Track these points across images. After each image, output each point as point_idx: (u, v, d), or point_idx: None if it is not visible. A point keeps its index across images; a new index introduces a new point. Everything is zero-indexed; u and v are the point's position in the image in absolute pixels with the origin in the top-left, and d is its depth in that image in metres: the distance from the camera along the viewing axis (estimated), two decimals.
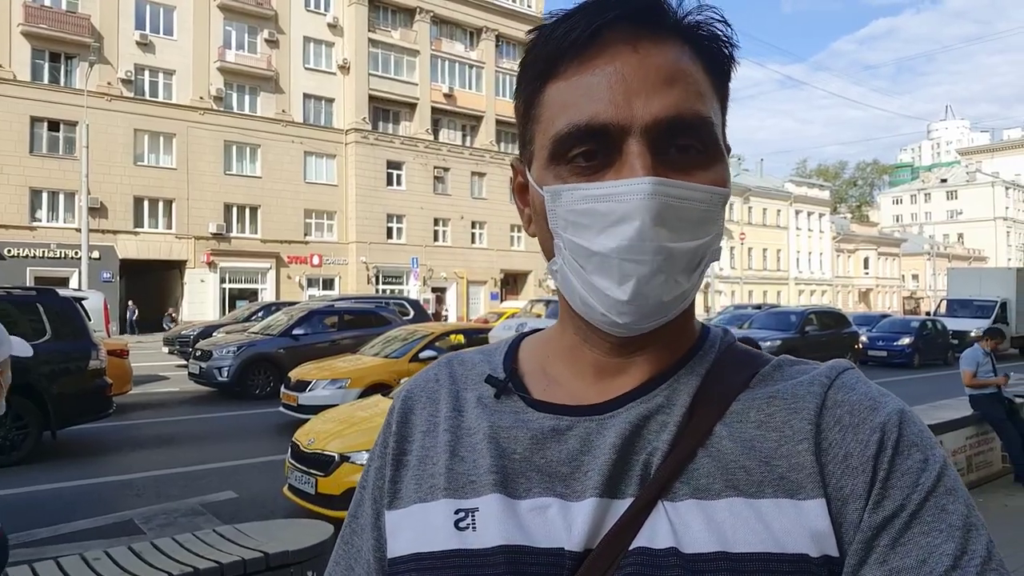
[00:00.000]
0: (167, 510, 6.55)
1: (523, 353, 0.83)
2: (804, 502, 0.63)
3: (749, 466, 0.66)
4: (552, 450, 0.71)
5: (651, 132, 0.65)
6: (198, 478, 7.70)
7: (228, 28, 35.49)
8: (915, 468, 0.64)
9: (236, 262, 35.06)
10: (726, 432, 0.68)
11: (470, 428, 0.76)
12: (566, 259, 0.69)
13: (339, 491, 5.82)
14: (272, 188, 36.17)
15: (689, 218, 0.65)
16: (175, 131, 33.47)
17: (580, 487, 0.68)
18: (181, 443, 9.60)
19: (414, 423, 0.80)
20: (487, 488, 0.70)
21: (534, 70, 0.71)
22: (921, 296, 77.63)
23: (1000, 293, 26.35)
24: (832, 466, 0.65)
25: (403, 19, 41.27)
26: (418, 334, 12.00)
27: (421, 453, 0.77)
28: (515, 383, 0.78)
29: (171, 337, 20.17)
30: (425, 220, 40.78)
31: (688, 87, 0.67)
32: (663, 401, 0.71)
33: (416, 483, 0.75)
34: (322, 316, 15.47)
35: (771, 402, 0.69)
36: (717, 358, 0.75)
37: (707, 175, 0.67)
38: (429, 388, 0.83)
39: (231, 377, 13.28)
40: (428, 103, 41.36)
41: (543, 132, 0.70)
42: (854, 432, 0.66)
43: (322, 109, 38.72)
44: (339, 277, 38.28)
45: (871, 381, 0.72)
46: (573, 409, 0.73)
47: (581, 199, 0.66)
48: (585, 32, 0.66)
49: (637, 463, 0.68)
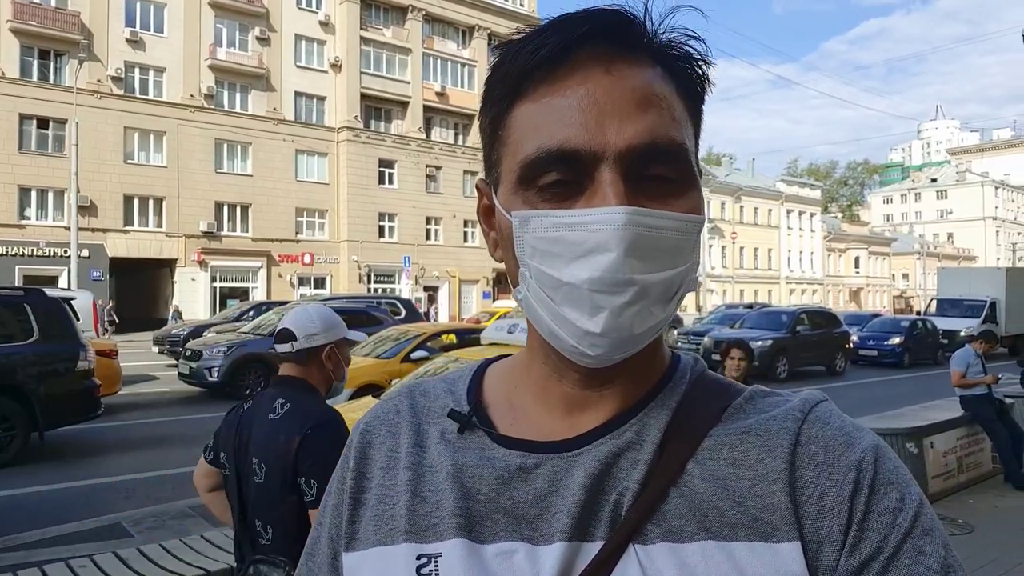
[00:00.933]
0: (156, 512, 6.49)
1: (488, 382, 0.80)
2: (779, 545, 0.61)
3: (722, 507, 0.63)
4: (519, 490, 0.68)
5: (625, 159, 0.62)
6: (188, 480, 7.56)
7: (219, 25, 35.31)
8: (892, 508, 0.62)
9: (227, 261, 34.90)
10: (698, 470, 0.66)
11: (433, 466, 0.72)
12: (532, 288, 0.66)
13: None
14: (263, 186, 36.01)
15: (664, 248, 0.63)
16: (165, 129, 33.28)
17: (548, 530, 0.65)
18: (171, 444, 9.54)
19: (373, 458, 0.76)
20: (451, 532, 0.66)
21: (501, 89, 0.68)
22: (911, 295, 77.98)
23: (990, 293, 26.46)
24: (807, 507, 0.63)
25: (395, 17, 41.16)
26: (410, 334, 11.96)
27: (381, 492, 0.73)
28: (480, 417, 0.75)
29: (161, 336, 20.05)
30: (417, 219, 40.71)
31: (662, 111, 0.65)
32: (633, 437, 0.68)
33: (375, 524, 0.71)
34: None
35: (744, 438, 0.67)
36: (688, 389, 0.72)
37: (682, 203, 0.65)
38: (389, 421, 0.78)
39: (221, 377, 13.21)
40: (420, 101, 41.27)
41: (511, 155, 0.67)
42: (829, 471, 0.64)
43: (314, 107, 38.58)
44: (331, 276, 38.17)
45: (844, 414, 0.70)
46: (541, 446, 0.70)
47: (551, 226, 0.63)
48: (555, 49, 0.64)
49: (607, 504, 0.65)
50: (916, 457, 6.91)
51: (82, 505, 6.71)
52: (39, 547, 5.54)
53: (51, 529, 5.97)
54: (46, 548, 5.49)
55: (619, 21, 0.65)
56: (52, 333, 8.56)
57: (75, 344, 8.76)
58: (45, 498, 6.94)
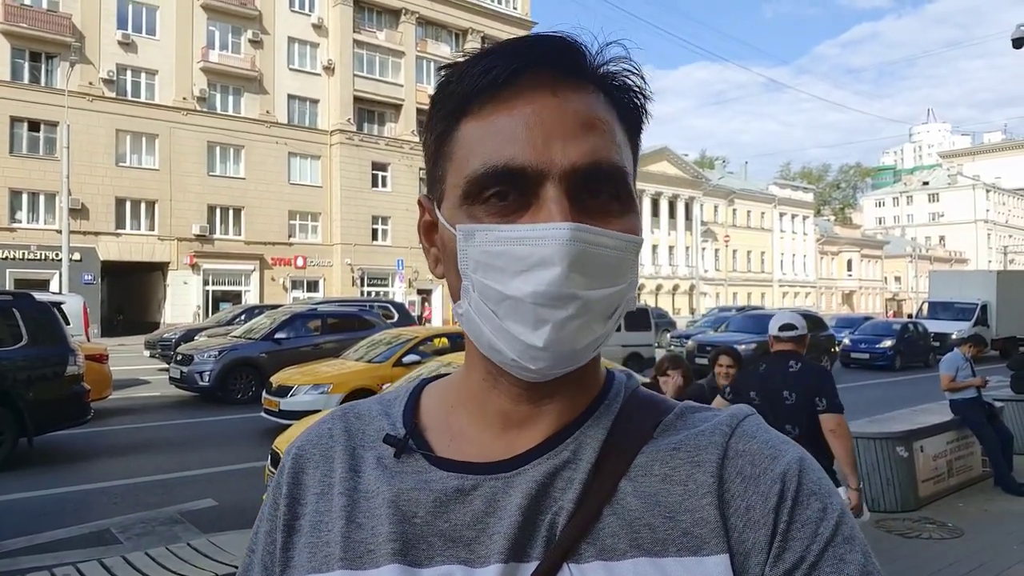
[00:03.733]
0: (145, 519, 6.46)
1: (425, 403, 0.79)
2: (707, 558, 0.63)
3: (654, 523, 0.64)
4: (456, 513, 0.68)
5: (569, 178, 0.64)
6: (177, 485, 7.61)
7: (211, 28, 35.23)
8: (814, 518, 0.64)
9: (219, 264, 34.79)
10: (631, 488, 0.66)
11: (368, 491, 0.71)
12: (474, 302, 0.66)
13: None
14: (256, 189, 35.92)
15: (605, 265, 0.64)
16: (158, 132, 33.17)
17: (484, 552, 0.65)
18: (160, 449, 9.49)
19: (306, 484, 0.75)
20: (386, 558, 0.66)
21: (447, 107, 0.69)
22: (903, 298, 78.29)
23: (981, 295, 26.56)
24: (735, 519, 0.64)
25: (388, 20, 41.15)
26: (402, 338, 11.93)
27: (315, 518, 0.72)
28: (416, 439, 0.74)
29: (152, 340, 19.97)
30: (411, 222, 40.59)
31: (605, 135, 0.67)
32: (569, 456, 0.69)
33: (310, 552, 0.70)
34: (305, 320, 15.36)
35: (675, 454, 0.68)
36: (622, 407, 0.73)
37: (622, 223, 0.66)
38: (323, 445, 0.77)
39: (212, 381, 13.16)
40: (413, 104, 41.23)
41: (456, 171, 0.68)
42: (755, 483, 0.65)
43: (306, 110, 38.52)
44: (323, 279, 38.09)
45: (771, 428, 0.72)
46: (479, 467, 0.70)
47: (496, 240, 0.64)
48: (503, 72, 0.65)
49: (543, 524, 0.66)
50: (906, 461, 6.92)
51: (71, 511, 6.67)
52: (26, 554, 5.50)
53: (39, 536, 5.92)
54: (34, 555, 5.46)
55: (566, 48, 0.67)
56: (41, 337, 8.51)
57: (64, 348, 8.71)
58: (33, 504, 6.89)
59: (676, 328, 27.64)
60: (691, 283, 57.88)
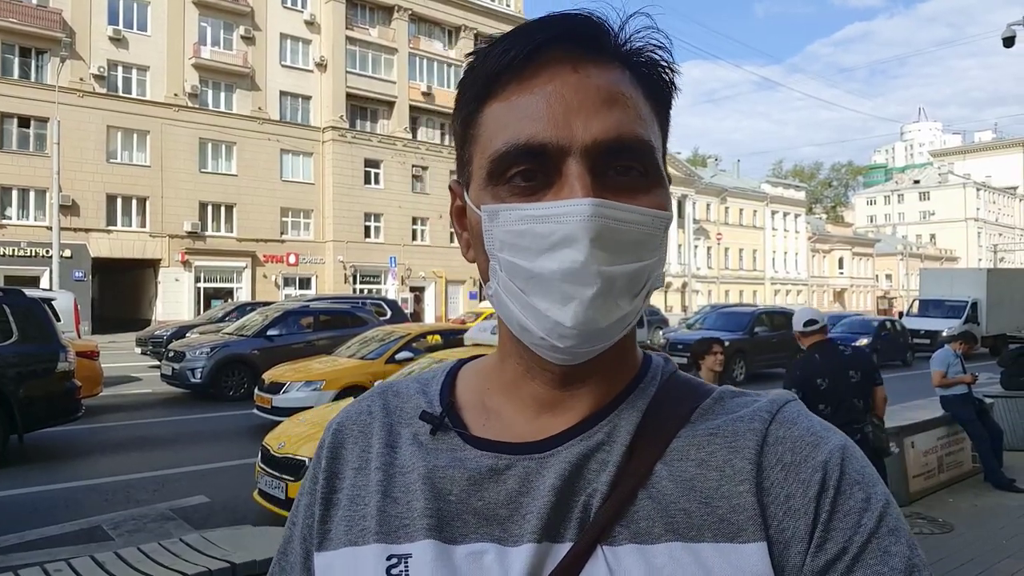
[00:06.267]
0: (137, 516, 6.44)
1: (461, 384, 0.80)
2: (744, 545, 0.62)
3: (689, 508, 0.64)
4: (490, 491, 0.68)
5: (591, 153, 0.63)
6: (169, 482, 7.59)
7: (203, 24, 35.09)
8: (857, 508, 0.63)
9: (211, 261, 34.67)
10: (666, 472, 0.66)
11: (404, 467, 0.72)
12: (502, 281, 0.67)
13: None
14: (248, 186, 35.81)
15: (630, 240, 0.64)
16: (149, 128, 33.01)
17: (518, 531, 0.66)
18: (152, 446, 9.46)
19: (345, 459, 0.76)
20: (421, 533, 0.67)
21: (472, 91, 0.69)
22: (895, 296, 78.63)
23: (971, 293, 26.69)
24: (774, 508, 0.63)
25: (381, 17, 41.06)
26: (395, 335, 11.92)
27: (352, 492, 0.73)
28: (452, 418, 0.75)
29: (144, 337, 19.90)
30: (403, 219, 40.61)
31: (628, 109, 0.66)
32: (603, 438, 0.69)
33: (347, 524, 0.71)
34: (297, 317, 15.34)
35: (711, 439, 0.67)
36: (658, 391, 0.73)
37: (648, 198, 0.66)
38: (361, 421, 0.79)
39: (204, 378, 13.12)
40: (406, 101, 41.19)
41: (481, 152, 0.68)
42: (796, 472, 0.64)
43: (299, 107, 38.41)
44: (316, 276, 38.01)
45: (813, 415, 0.70)
46: (512, 447, 0.70)
47: (519, 219, 0.64)
48: (523, 51, 0.65)
49: (576, 505, 0.66)
50: (897, 457, 6.96)
51: (62, 508, 6.64)
52: (17, 551, 5.48)
53: (30, 532, 5.91)
54: (24, 552, 5.44)
55: (586, 25, 0.66)
56: (31, 334, 8.47)
57: (55, 345, 8.67)
58: (24, 501, 6.86)
59: (668, 326, 27.65)
60: (683, 281, 58.00)
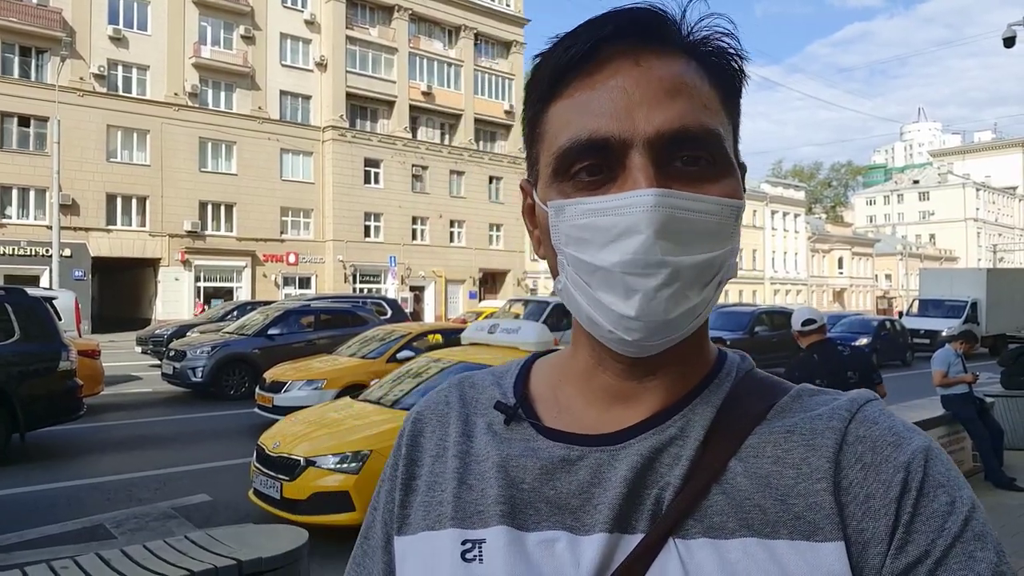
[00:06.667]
0: (139, 514, 6.44)
1: (535, 376, 0.81)
2: (821, 544, 0.61)
3: (764, 504, 0.63)
4: (562, 481, 0.69)
5: (654, 145, 0.63)
6: (171, 481, 7.59)
7: (204, 24, 35.10)
8: (941, 511, 0.61)
9: (211, 260, 34.68)
10: (741, 468, 0.66)
11: (479, 455, 0.74)
12: (570, 276, 0.67)
13: (304, 495, 5.69)
14: (248, 186, 35.82)
15: (697, 230, 0.63)
16: (149, 127, 33.02)
17: (590, 520, 0.66)
18: (153, 445, 9.46)
19: (423, 447, 0.79)
20: (495, 519, 0.69)
21: (538, 91, 0.70)
22: (894, 296, 78.67)
23: (971, 293, 26.74)
24: (853, 507, 0.62)
25: (381, 17, 41.06)
26: (395, 334, 11.93)
27: (430, 479, 0.76)
28: (525, 409, 0.76)
29: (144, 336, 19.90)
30: (403, 218, 40.62)
31: (693, 99, 0.65)
32: (676, 433, 0.69)
33: (424, 510, 0.74)
34: (298, 316, 15.34)
35: (788, 437, 0.67)
36: (733, 387, 0.72)
37: (717, 187, 0.65)
38: (439, 411, 0.81)
39: (205, 377, 13.12)
40: (406, 101, 41.19)
41: (547, 150, 0.69)
42: (876, 471, 0.63)
43: (299, 106, 38.42)
44: (315, 276, 38.02)
45: (896, 414, 0.69)
46: (585, 439, 0.71)
47: (583, 213, 0.64)
48: (585, 47, 0.65)
49: (649, 498, 0.66)
50: None
51: (63, 507, 6.64)
52: (17, 550, 5.49)
53: (31, 531, 5.91)
54: (25, 551, 5.44)
55: (647, 17, 0.66)
56: (33, 333, 8.47)
57: (57, 344, 8.67)
58: (26, 500, 6.86)
59: None
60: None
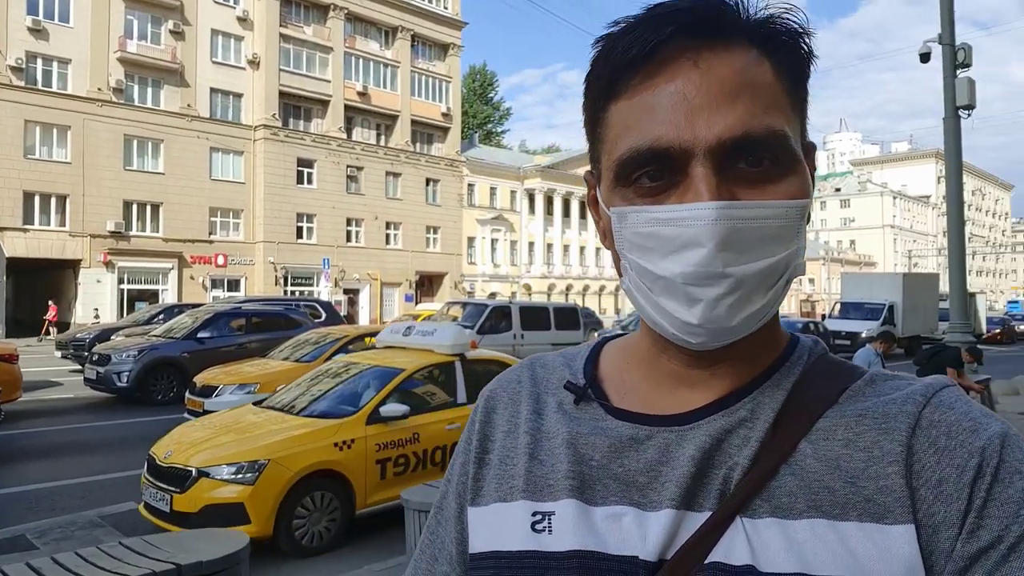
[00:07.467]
0: (63, 523, 6.23)
1: (604, 359, 0.83)
2: (891, 527, 0.61)
3: (834, 486, 0.63)
4: (630, 459, 0.70)
5: (716, 153, 0.63)
6: (97, 489, 7.35)
7: (130, 17, 33.92)
8: (1016, 497, 0.60)
9: (135, 262, 33.51)
10: (811, 450, 0.66)
11: (549, 432, 0.76)
12: (632, 280, 0.69)
13: (196, 508, 5.37)
14: (175, 185, 34.77)
15: (760, 237, 0.63)
16: (70, 123, 31.73)
17: (657, 497, 0.68)
18: (78, 452, 9.13)
19: (496, 423, 0.82)
20: (564, 493, 0.71)
21: (597, 88, 0.70)
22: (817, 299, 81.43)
23: (888, 296, 27.88)
24: (924, 491, 0.62)
25: (316, 15, 40.47)
26: (331, 337, 11.80)
27: (502, 453, 0.78)
28: (595, 390, 0.78)
29: (65, 341, 19.11)
30: (337, 220, 40.07)
31: (756, 99, 0.64)
32: (746, 415, 0.69)
33: (497, 482, 0.77)
34: (229, 318, 15.01)
35: (860, 420, 0.66)
36: (805, 371, 0.72)
37: (781, 188, 0.65)
38: (511, 389, 0.84)
39: (131, 382, 12.73)
40: (341, 101, 40.69)
41: (608, 153, 0.70)
42: (950, 456, 0.62)
43: (230, 104, 37.51)
44: (245, 278, 37.16)
45: (973, 401, 0.68)
46: (652, 419, 0.72)
47: (646, 222, 0.65)
48: (644, 49, 0.64)
49: (717, 477, 0.67)
50: None
51: None
52: None
53: None
54: None
55: (706, 9, 0.65)
56: None
57: None
58: None
59: (603, 327, 28.07)
60: (616, 284, 58.76)
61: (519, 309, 18.42)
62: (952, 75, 11.46)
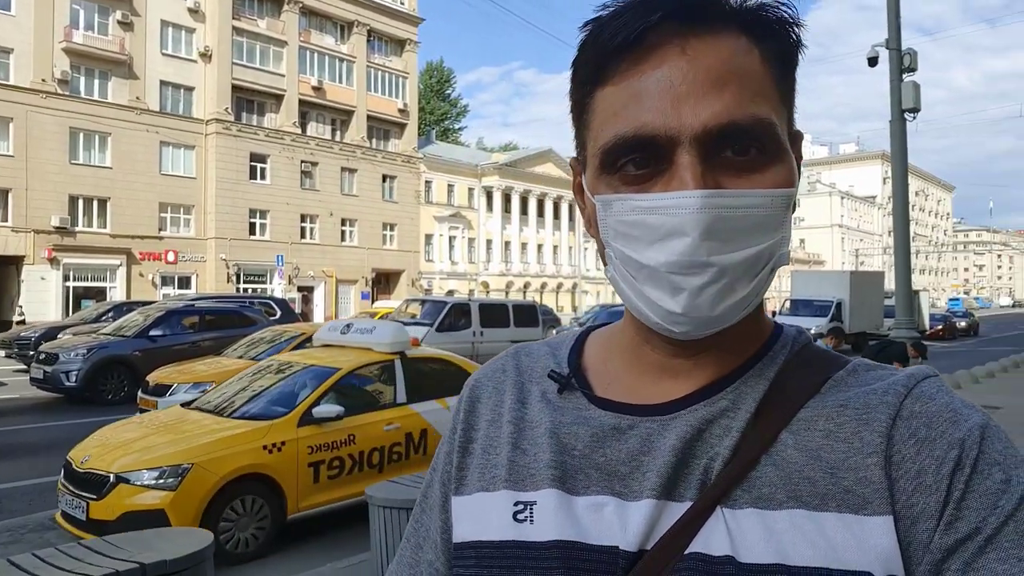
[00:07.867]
0: (12, 526, 6.09)
1: (588, 348, 0.83)
2: (870, 518, 0.61)
3: (814, 477, 0.63)
4: (612, 448, 0.70)
5: (702, 141, 0.62)
6: (47, 491, 7.16)
7: (76, 6, 32.92)
8: (994, 489, 0.60)
9: (82, 258, 32.56)
10: (792, 440, 0.66)
11: (533, 421, 0.77)
12: (617, 268, 0.68)
13: (114, 516, 5.10)
14: (124, 179, 33.88)
15: (744, 226, 0.63)
16: (12, 115, 30.65)
17: (638, 487, 0.68)
18: (26, 453, 8.89)
19: (480, 412, 0.82)
20: (546, 482, 0.71)
21: (583, 74, 0.69)
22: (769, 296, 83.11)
23: (836, 294, 28.63)
24: (903, 482, 0.62)
25: (270, 8, 39.81)
26: (286, 335, 11.66)
27: (486, 443, 0.79)
28: (578, 379, 0.79)
29: (8, 339, 18.53)
30: (291, 216, 39.53)
31: (743, 87, 0.64)
32: (727, 405, 0.69)
33: (480, 472, 0.77)
34: (181, 316, 14.73)
35: (842, 411, 0.66)
36: (788, 360, 0.72)
37: (767, 177, 0.64)
38: (496, 378, 0.84)
39: (80, 381, 12.43)
40: (296, 95, 40.12)
41: (593, 140, 0.69)
42: (930, 447, 0.62)
43: (180, 97, 36.69)
44: (196, 275, 36.40)
45: (954, 392, 0.68)
46: (635, 408, 0.72)
47: (630, 210, 0.64)
48: (631, 35, 0.63)
49: (697, 467, 0.67)
50: None
51: None
52: None
53: None
54: None
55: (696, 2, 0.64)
56: None
57: None
58: None
59: (561, 325, 28.25)
60: (574, 282, 59.25)
61: (478, 307, 18.48)
62: (898, 79, 11.83)
